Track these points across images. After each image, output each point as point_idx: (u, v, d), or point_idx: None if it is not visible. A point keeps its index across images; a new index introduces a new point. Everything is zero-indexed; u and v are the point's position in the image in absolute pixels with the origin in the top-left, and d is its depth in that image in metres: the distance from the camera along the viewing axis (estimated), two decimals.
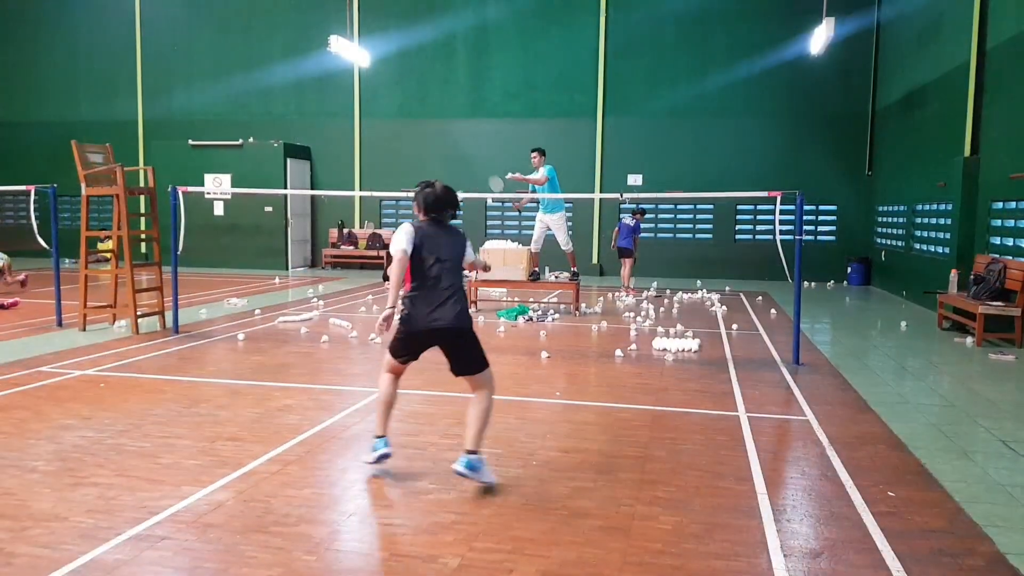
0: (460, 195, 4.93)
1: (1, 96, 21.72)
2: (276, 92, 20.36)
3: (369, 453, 4.69)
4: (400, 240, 4.46)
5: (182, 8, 20.80)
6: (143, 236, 11.66)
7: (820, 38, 13.96)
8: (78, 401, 6.19)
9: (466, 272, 4.91)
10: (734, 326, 10.71)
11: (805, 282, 15.83)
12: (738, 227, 18.58)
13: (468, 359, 4.63)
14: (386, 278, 15.67)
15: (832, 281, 17.47)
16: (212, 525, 3.81)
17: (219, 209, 19.50)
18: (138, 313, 9.53)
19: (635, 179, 18.51)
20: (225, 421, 5.69)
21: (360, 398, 6.42)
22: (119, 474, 4.53)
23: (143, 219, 12.45)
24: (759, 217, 18.40)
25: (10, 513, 3.94)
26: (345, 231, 20.05)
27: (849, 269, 17.35)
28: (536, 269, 12.29)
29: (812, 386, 7.13)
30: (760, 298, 14.28)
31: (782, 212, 8.35)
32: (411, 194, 4.80)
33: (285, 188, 18.87)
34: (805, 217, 10.96)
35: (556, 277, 12.62)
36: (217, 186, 18.67)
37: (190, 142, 19.62)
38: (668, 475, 4.64)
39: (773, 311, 12.38)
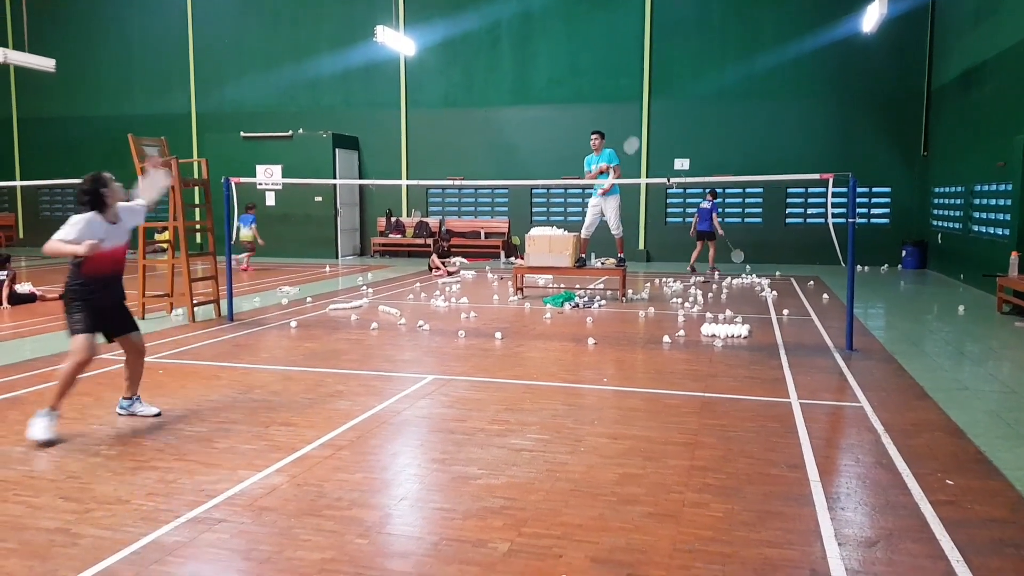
0: (506, 182, 5.06)
1: (61, 92, 22.39)
2: (324, 83, 20.61)
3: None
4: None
5: (232, 3, 21.16)
6: (198, 227, 11.96)
7: (873, 16, 13.56)
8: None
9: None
10: (785, 311, 10.53)
11: (858, 266, 15.46)
12: (788, 211, 18.22)
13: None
14: (431, 268, 15.79)
15: (886, 265, 17.03)
16: (267, 508, 3.91)
17: (271, 199, 19.86)
18: (194, 302, 9.78)
19: (682, 163, 18.27)
20: (279, 406, 5.81)
21: (410, 384, 6.50)
22: (177, 458, 4.67)
23: (198, 210, 12.76)
24: (810, 200, 18.02)
25: (75, 496, 4.09)
26: (393, 220, 20.25)
27: (904, 252, 16.88)
28: (583, 255, 12.24)
29: (866, 372, 6.98)
30: (811, 283, 14.00)
31: (834, 195, 8.17)
32: (457, 182, 4.86)
33: (334, 178, 19.14)
34: (858, 200, 10.72)
35: (602, 263, 12.56)
36: (268, 177, 19.00)
37: (241, 134, 20.00)
38: (718, 462, 4.59)
39: (825, 296, 12.13)
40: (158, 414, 5.53)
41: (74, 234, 4.93)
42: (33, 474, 4.41)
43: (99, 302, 5.15)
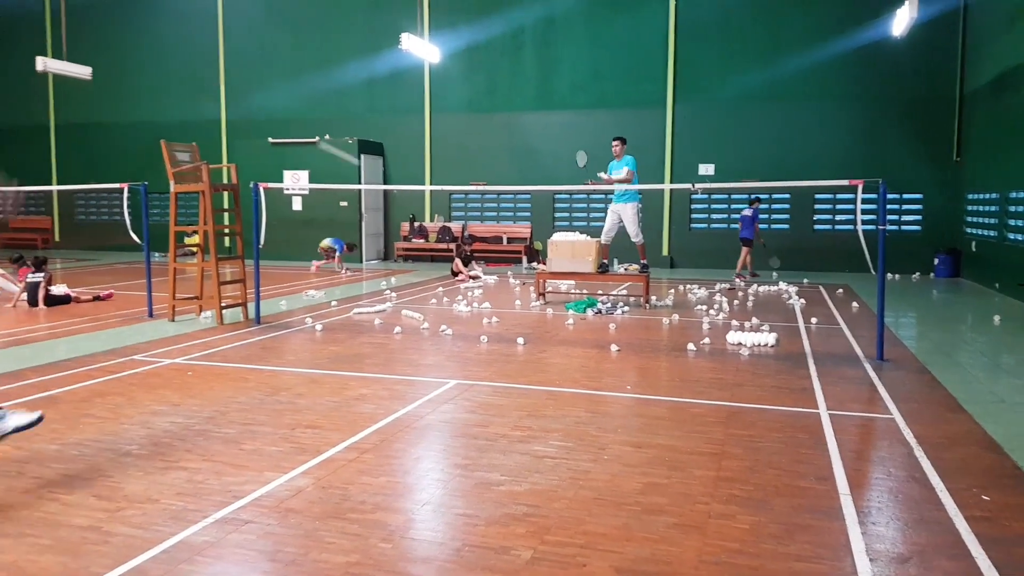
0: (529, 187, 4.99)
1: (96, 100, 22.78)
2: (350, 90, 20.76)
3: None
4: None
5: (262, 14, 21.42)
6: (227, 231, 12.09)
7: (903, 19, 13.36)
8: (168, 388, 6.47)
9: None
10: (813, 320, 10.39)
11: (889, 274, 15.26)
12: (816, 217, 18.01)
13: None
14: (454, 273, 15.82)
15: (918, 273, 16.76)
16: (293, 510, 3.93)
17: (297, 204, 20.04)
18: (222, 304, 9.89)
19: (707, 168, 18.13)
20: (304, 409, 5.85)
21: (433, 388, 6.50)
22: (206, 459, 4.71)
23: (227, 214, 12.90)
24: (839, 207, 17.79)
25: (106, 495, 4.15)
26: (416, 225, 20.33)
27: (936, 260, 16.59)
28: (605, 261, 12.19)
29: (897, 383, 6.86)
30: (840, 291, 13.82)
31: (864, 201, 8.06)
32: (480, 187, 4.84)
33: (359, 183, 19.26)
34: (888, 206, 10.55)
35: (625, 269, 12.49)
36: (295, 182, 19.18)
37: (270, 140, 20.20)
38: (745, 473, 4.54)
39: (855, 304, 11.96)
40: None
41: None
42: (67, 472, 4.48)
43: None
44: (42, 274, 11.30)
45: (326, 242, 17.38)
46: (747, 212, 15.70)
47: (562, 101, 19.21)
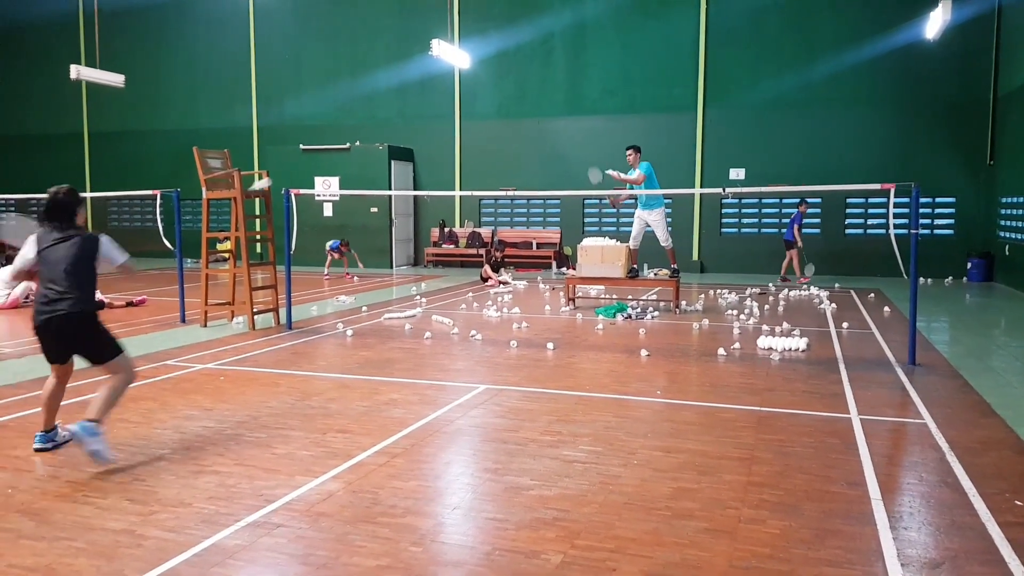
0: (558, 192, 5.06)
1: (129, 107, 23.26)
2: (380, 97, 20.97)
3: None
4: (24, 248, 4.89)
5: (293, 21, 21.72)
6: (258, 237, 12.27)
7: (936, 22, 13.18)
8: (200, 393, 6.58)
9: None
10: (844, 324, 10.28)
11: (921, 278, 15.02)
12: (848, 221, 17.81)
13: (93, 351, 4.90)
14: (484, 279, 15.88)
15: (950, 277, 16.49)
16: (324, 514, 3.98)
17: (328, 210, 20.26)
18: (254, 310, 10.02)
19: (738, 173, 18.03)
20: (335, 414, 5.91)
21: (463, 393, 6.54)
22: (238, 463, 4.79)
23: (258, 220, 13.08)
24: (871, 211, 17.58)
25: (140, 498, 4.23)
26: (446, 230, 20.44)
27: (969, 264, 16.32)
28: (635, 266, 12.16)
29: (930, 388, 6.77)
30: (872, 295, 13.64)
31: (896, 205, 7.97)
32: (510, 193, 4.93)
33: (390, 189, 19.42)
34: (921, 210, 10.42)
35: (655, 274, 12.46)
36: (326, 188, 19.39)
37: (301, 147, 20.46)
38: (775, 478, 4.51)
39: (886, 309, 11.80)
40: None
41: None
42: (101, 476, 4.57)
43: None
44: None
45: (326, 246, 17.64)
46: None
47: (592, 106, 19.22)
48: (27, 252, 4.91)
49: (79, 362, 5.02)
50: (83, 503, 4.16)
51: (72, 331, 4.82)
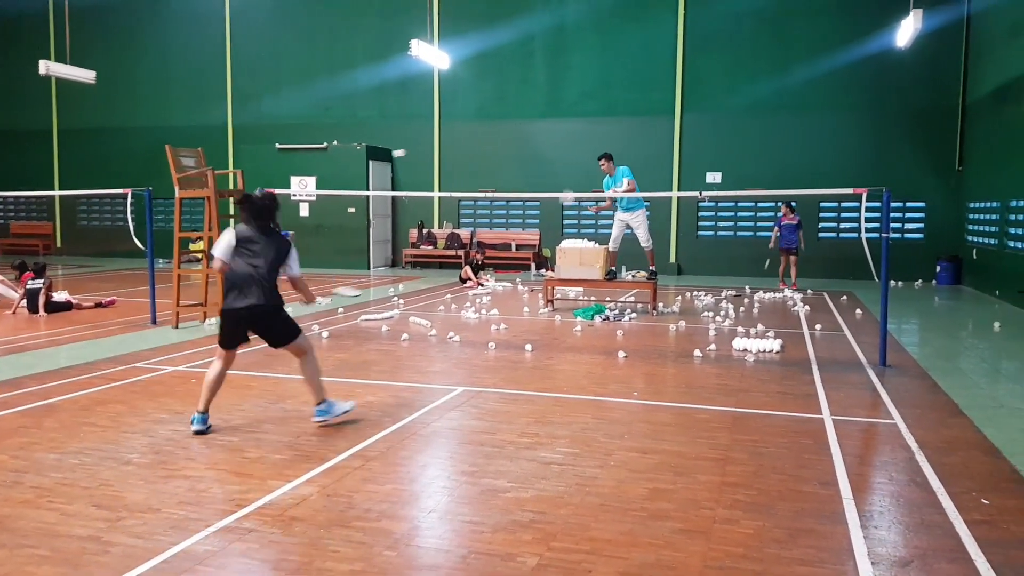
0: (537, 195, 5.35)
1: (100, 104, 22.86)
2: (359, 96, 20.84)
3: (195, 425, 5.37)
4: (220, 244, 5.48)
5: (270, 18, 21.52)
6: None
7: (907, 30, 13.38)
8: (171, 396, 6.50)
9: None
10: (817, 326, 10.39)
11: (892, 281, 15.23)
12: (821, 225, 18.01)
13: (280, 336, 5.68)
14: (463, 280, 15.84)
15: (920, 280, 16.74)
16: (296, 519, 3.94)
17: (304, 210, 20.10)
18: None
19: (714, 177, 18.16)
20: (309, 416, 5.85)
21: (440, 395, 6.52)
22: (209, 467, 4.73)
23: (233, 220, 12.94)
24: (843, 215, 17.80)
25: (107, 504, 4.14)
26: (424, 231, 20.38)
27: (938, 268, 16.59)
28: (613, 268, 12.21)
29: (900, 389, 6.87)
30: (844, 298, 13.81)
31: (868, 209, 8.07)
32: (489, 194, 5.08)
33: (367, 190, 19.31)
34: (892, 214, 10.55)
35: (633, 276, 12.51)
36: (303, 188, 19.23)
37: (277, 146, 20.27)
38: (749, 478, 4.55)
39: (858, 311, 11.96)
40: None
41: None
42: (66, 481, 4.48)
43: None
44: (43, 280, 11.29)
45: None
46: (792, 219, 15.30)
47: (571, 109, 19.26)
48: (227, 239, 5.49)
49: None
50: (47, 509, 4.06)
51: (263, 321, 5.54)
